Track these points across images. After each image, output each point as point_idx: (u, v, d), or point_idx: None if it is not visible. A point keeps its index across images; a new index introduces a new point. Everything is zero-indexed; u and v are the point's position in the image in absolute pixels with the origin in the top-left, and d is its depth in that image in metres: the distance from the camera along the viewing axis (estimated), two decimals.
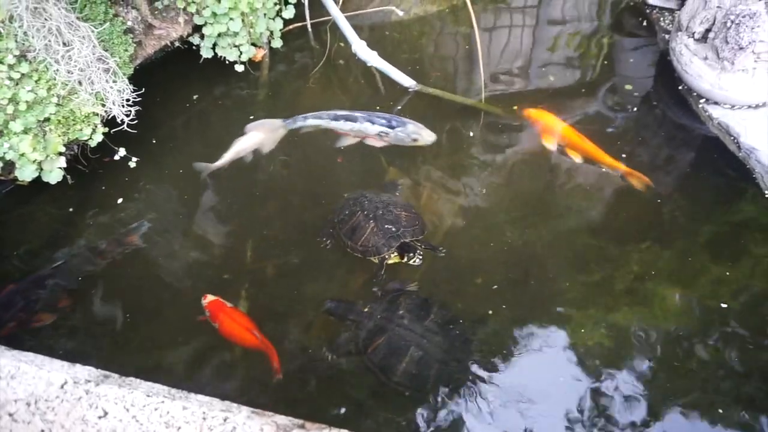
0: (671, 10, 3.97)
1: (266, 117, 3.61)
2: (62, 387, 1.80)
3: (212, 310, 2.68)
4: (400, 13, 4.04)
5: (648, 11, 4.09)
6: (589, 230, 3.11)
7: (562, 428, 2.46)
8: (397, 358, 2.47)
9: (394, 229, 2.86)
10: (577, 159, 3.34)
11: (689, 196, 3.25)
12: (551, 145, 3.39)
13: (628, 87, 3.76)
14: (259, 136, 3.32)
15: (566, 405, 2.52)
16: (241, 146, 3.26)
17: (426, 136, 3.30)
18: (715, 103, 3.43)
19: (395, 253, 2.88)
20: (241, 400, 1.96)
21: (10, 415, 1.75)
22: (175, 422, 1.71)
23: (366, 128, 3.26)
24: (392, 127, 3.24)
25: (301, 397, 2.53)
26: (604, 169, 3.31)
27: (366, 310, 2.69)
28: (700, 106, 3.49)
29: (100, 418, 1.73)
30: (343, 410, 2.51)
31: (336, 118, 3.30)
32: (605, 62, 4.00)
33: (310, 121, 3.33)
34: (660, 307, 2.80)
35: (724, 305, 2.79)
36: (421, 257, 2.87)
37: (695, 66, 3.40)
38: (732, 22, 3.18)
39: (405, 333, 2.53)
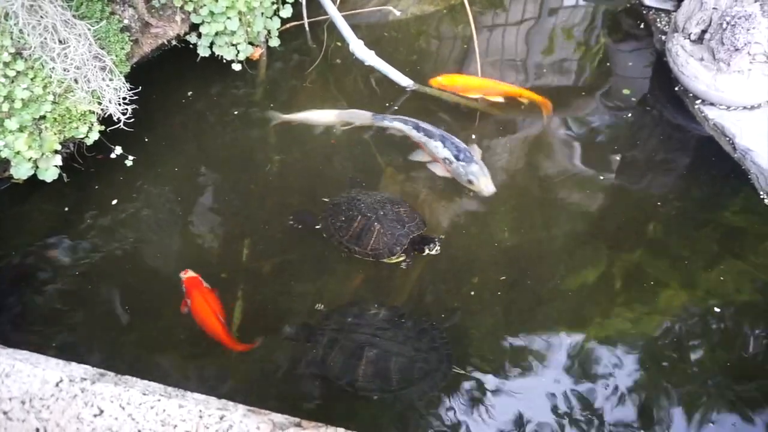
0: (668, 12, 3.98)
1: (263, 115, 3.62)
2: (57, 385, 1.79)
3: (188, 287, 2.71)
4: (398, 13, 4.04)
5: (644, 12, 4.11)
6: (586, 231, 3.11)
7: (558, 429, 2.46)
8: (354, 363, 2.43)
9: (400, 227, 2.85)
10: (500, 99, 3.56)
11: (684, 197, 3.26)
12: (473, 99, 3.55)
13: (626, 91, 3.76)
14: (342, 117, 3.42)
15: (562, 405, 2.52)
16: (320, 115, 3.37)
17: (483, 185, 3.11)
18: (711, 104, 3.45)
19: (404, 254, 2.88)
20: (238, 399, 1.96)
21: (5, 413, 1.74)
22: (172, 420, 1.71)
23: (436, 148, 3.20)
24: (457, 159, 3.15)
25: (299, 396, 2.53)
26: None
27: (324, 326, 2.62)
28: (696, 107, 3.50)
29: (95, 416, 1.72)
30: (338, 409, 2.51)
31: (417, 129, 3.28)
32: (602, 63, 4.01)
33: (396, 123, 3.33)
34: (655, 308, 2.81)
35: (718, 306, 2.80)
36: (439, 245, 2.89)
37: (691, 67, 3.42)
38: (728, 23, 3.19)
39: (356, 336, 2.50)
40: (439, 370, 2.49)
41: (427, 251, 2.89)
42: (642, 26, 4.17)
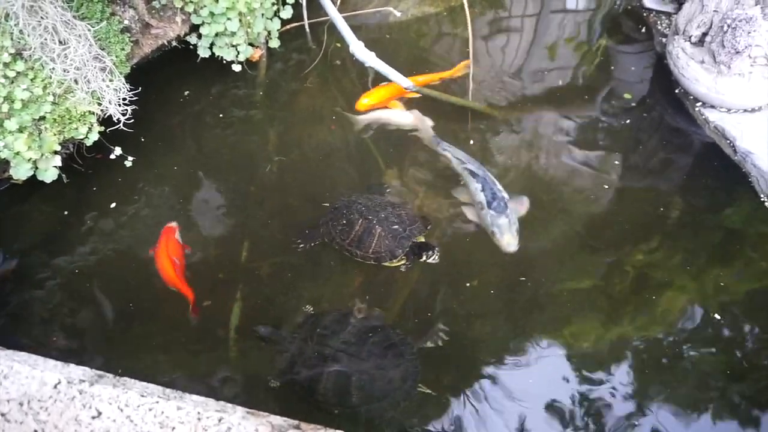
0: (668, 14, 3.98)
1: (264, 115, 3.62)
2: (56, 387, 1.78)
3: (162, 234, 2.92)
4: (398, 14, 4.04)
5: (645, 15, 4.11)
6: (586, 233, 3.11)
7: (557, 429, 2.46)
8: (315, 377, 2.42)
9: (401, 230, 2.83)
10: (425, 91, 3.52)
11: (685, 200, 3.25)
12: (401, 107, 3.53)
13: (628, 96, 3.75)
14: (414, 123, 3.44)
15: (561, 407, 2.52)
16: (396, 116, 3.42)
17: (504, 242, 2.92)
18: (712, 106, 3.45)
19: (404, 257, 2.85)
20: (237, 401, 1.96)
21: (3, 415, 1.73)
22: (170, 422, 1.70)
23: (474, 190, 3.08)
24: (489, 205, 2.99)
25: (297, 398, 2.53)
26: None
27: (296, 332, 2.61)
28: (697, 109, 3.50)
29: (93, 418, 1.72)
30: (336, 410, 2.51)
31: (463, 163, 3.19)
32: (602, 66, 4.01)
33: (447, 153, 3.27)
34: (656, 309, 2.81)
35: (718, 309, 2.80)
36: (438, 254, 2.85)
37: (692, 70, 3.42)
38: (728, 26, 3.19)
39: (322, 349, 2.48)
40: (401, 389, 2.44)
41: (424, 258, 2.85)
42: (643, 29, 4.17)
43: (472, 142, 3.50)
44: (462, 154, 3.24)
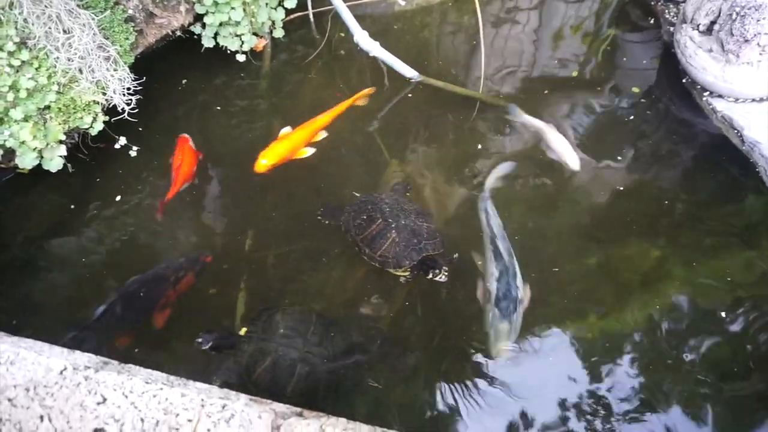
0: (676, 2, 3.93)
1: (268, 105, 3.61)
2: (61, 373, 1.80)
3: (177, 143, 3.21)
4: (402, 3, 4.01)
5: (653, 3, 4.06)
6: (591, 224, 3.10)
7: (558, 425, 2.46)
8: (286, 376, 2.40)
9: (415, 241, 2.72)
10: (321, 136, 3.32)
11: (691, 190, 3.23)
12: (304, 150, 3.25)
13: (636, 89, 3.69)
14: (556, 143, 3.29)
15: (562, 401, 2.52)
16: (547, 130, 3.34)
17: (496, 349, 2.62)
18: (719, 96, 3.40)
19: (410, 269, 2.75)
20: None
21: (10, 400, 1.75)
22: (174, 409, 1.71)
23: (489, 274, 2.80)
24: (497, 303, 2.68)
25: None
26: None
27: (243, 333, 2.54)
28: (704, 99, 3.46)
29: (98, 404, 1.73)
30: (339, 400, 2.52)
31: (493, 236, 2.91)
32: (609, 55, 3.97)
33: (482, 216, 3.01)
34: (662, 302, 2.80)
35: (726, 300, 2.78)
36: (446, 273, 2.70)
37: (700, 58, 3.38)
38: (737, 14, 3.15)
39: (286, 349, 2.44)
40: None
41: (431, 276, 2.71)
42: (650, 16, 4.12)
43: (474, 127, 3.48)
44: (496, 226, 2.97)
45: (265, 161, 3.10)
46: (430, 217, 2.93)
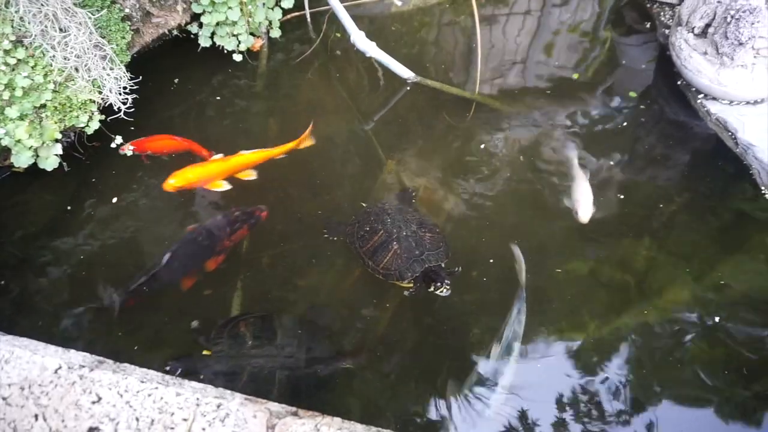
0: (671, 5, 3.95)
1: (265, 105, 3.61)
2: (56, 372, 1.80)
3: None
4: (399, 3, 4.02)
5: (648, 6, 4.08)
6: (585, 227, 3.11)
7: (557, 424, 2.47)
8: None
9: (417, 253, 2.69)
10: (250, 176, 3.12)
11: (686, 192, 3.25)
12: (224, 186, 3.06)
13: (632, 94, 3.70)
14: (580, 193, 3.15)
15: (560, 401, 2.52)
16: (578, 178, 3.22)
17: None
18: (714, 98, 3.43)
19: (413, 282, 2.70)
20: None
21: (4, 399, 1.75)
22: (169, 408, 1.72)
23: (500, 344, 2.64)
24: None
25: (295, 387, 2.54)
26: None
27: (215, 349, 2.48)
28: (699, 101, 3.49)
29: (93, 403, 1.73)
30: (333, 400, 2.52)
31: (518, 319, 2.73)
32: (605, 57, 3.99)
33: (514, 312, 2.74)
34: (657, 304, 2.81)
35: (720, 302, 2.80)
36: (449, 287, 2.62)
37: (694, 61, 3.40)
38: (732, 17, 3.17)
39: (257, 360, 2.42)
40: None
41: (432, 289, 2.64)
42: (645, 19, 4.14)
43: (469, 127, 3.49)
44: (519, 323, 2.73)
45: (173, 181, 2.95)
46: (434, 225, 2.88)
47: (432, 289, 2.65)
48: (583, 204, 3.05)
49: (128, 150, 3.13)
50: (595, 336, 2.72)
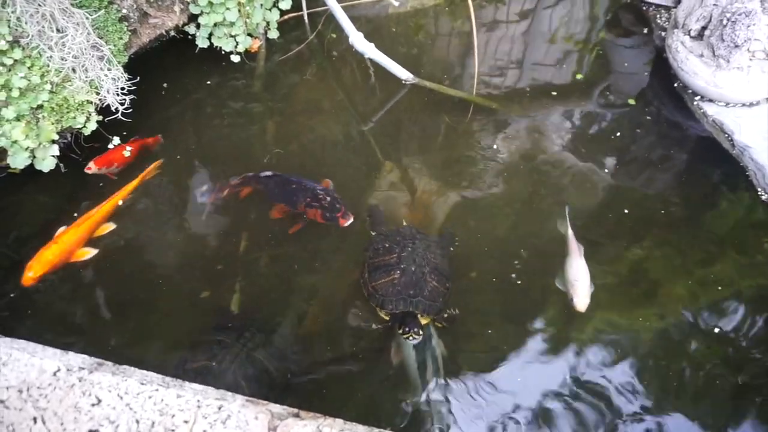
0: (667, 8, 3.98)
1: (262, 106, 3.60)
2: (55, 374, 1.78)
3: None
4: (396, 3, 4.02)
5: (644, 8, 4.10)
6: (583, 227, 3.12)
7: (552, 425, 2.47)
8: None
9: (411, 293, 2.57)
10: (107, 228, 2.93)
11: (682, 194, 3.26)
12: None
13: (631, 101, 3.69)
14: (575, 274, 2.76)
15: (557, 402, 2.53)
16: (573, 253, 2.83)
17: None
18: (710, 100, 3.45)
19: (389, 316, 2.60)
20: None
21: (2, 402, 1.73)
22: (170, 410, 1.70)
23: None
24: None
25: (294, 387, 2.53)
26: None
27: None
28: (695, 103, 3.51)
29: (93, 405, 1.72)
30: (334, 401, 2.51)
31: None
32: (601, 59, 4.01)
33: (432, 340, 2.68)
34: (653, 304, 2.82)
35: (716, 302, 2.81)
36: (416, 340, 2.51)
37: (691, 63, 3.42)
38: (728, 20, 3.19)
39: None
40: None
41: (401, 331, 2.50)
42: (641, 22, 4.17)
43: (468, 130, 3.49)
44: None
45: (31, 273, 2.66)
46: (447, 279, 2.72)
47: (401, 332, 2.52)
48: (580, 290, 2.68)
49: (94, 169, 3.05)
50: (591, 336, 2.72)
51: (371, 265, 2.70)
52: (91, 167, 3.05)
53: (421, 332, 2.51)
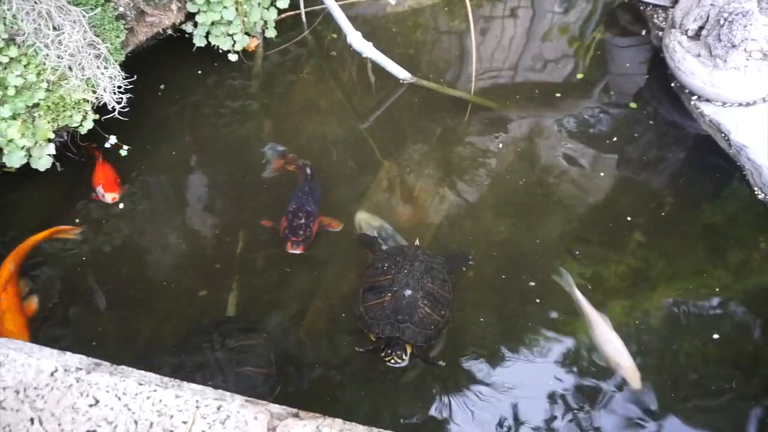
0: (664, 8, 3.99)
1: (260, 105, 3.59)
2: (52, 375, 1.76)
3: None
4: (392, 2, 4.02)
5: (642, 8, 4.11)
6: (580, 226, 3.12)
7: (551, 425, 2.47)
8: None
9: (400, 318, 2.45)
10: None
11: (680, 193, 3.27)
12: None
13: (633, 105, 3.66)
14: (609, 345, 2.62)
15: (556, 401, 2.53)
16: (596, 324, 2.67)
17: None
18: (707, 100, 3.46)
19: (374, 340, 2.51)
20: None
21: None
22: (168, 411, 1.69)
23: None
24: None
25: (293, 389, 2.53)
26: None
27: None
28: (692, 103, 3.51)
29: (91, 406, 1.70)
30: (333, 402, 2.51)
31: None
32: (598, 59, 4.01)
33: None
34: (650, 304, 2.82)
35: (713, 302, 2.82)
36: (398, 364, 2.43)
37: (688, 63, 3.42)
38: (725, 20, 3.20)
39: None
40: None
41: (384, 356, 2.43)
42: (638, 22, 4.17)
43: (464, 128, 3.49)
44: None
45: None
46: (444, 307, 2.58)
47: (383, 354, 2.44)
48: (627, 370, 2.53)
49: (108, 197, 3.01)
50: (588, 337, 2.73)
51: (366, 284, 2.62)
52: (116, 197, 3.03)
53: (404, 357, 2.42)
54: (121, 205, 3.07)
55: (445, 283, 2.65)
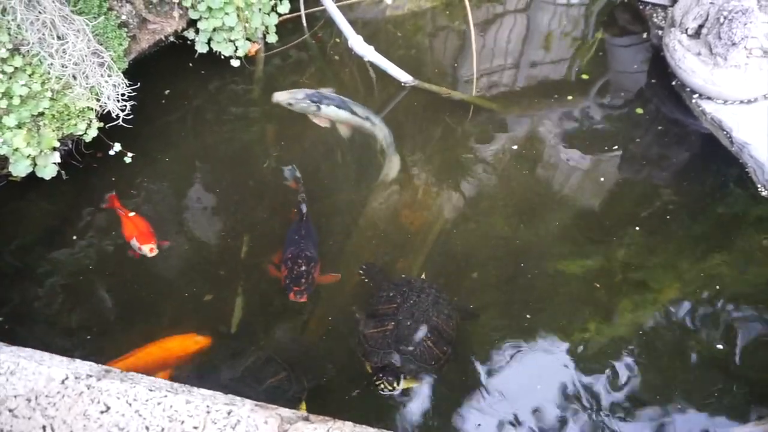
0: (664, 7, 4.00)
1: (262, 110, 3.61)
2: (63, 382, 1.78)
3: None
4: (389, 1, 4.03)
5: (641, 7, 4.12)
6: (583, 225, 3.13)
7: (550, 424, 2.48)
8: None
9: (402, 348, 2.39)
10: None
11: (682, 191, 3.28)
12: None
13: (639, 111, 3.64)
14: None
15: (555, 401, 2.53)
16: None
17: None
18: (708, 98, 3.47)
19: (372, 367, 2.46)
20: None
21: (10, 411, 1.73)
22: (179, 416, 1.71)
23: None
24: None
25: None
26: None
27: None
28: (694, 101, 3.52)
29: (102, 413, 1.72)
30: (336, 405, 2.51)
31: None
32: (598, 58, 4.03)
33: None
34: (654, 301, 2.83)
35: (716, 299, 2.82)
36: (389, 392, 2.38)
37: (688, 62, 3.43)
38: (725, 18, 3.21)
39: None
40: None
41: (375, 380, 2.37)
42: (638, 21, 4.18)
43: (467, 130, 3.50)
44: None
45: None
46: (448, 344, 2.52)
47: (374, 378, 2.39)
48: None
49: (146, 249, 2.88)
50: (592, 333, 2.74)
51: (369, 312, 2.58)
52: (154, 247, 2.86)
53: (396, 386, 2.36)
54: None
55: (450, 319, 2.58)
